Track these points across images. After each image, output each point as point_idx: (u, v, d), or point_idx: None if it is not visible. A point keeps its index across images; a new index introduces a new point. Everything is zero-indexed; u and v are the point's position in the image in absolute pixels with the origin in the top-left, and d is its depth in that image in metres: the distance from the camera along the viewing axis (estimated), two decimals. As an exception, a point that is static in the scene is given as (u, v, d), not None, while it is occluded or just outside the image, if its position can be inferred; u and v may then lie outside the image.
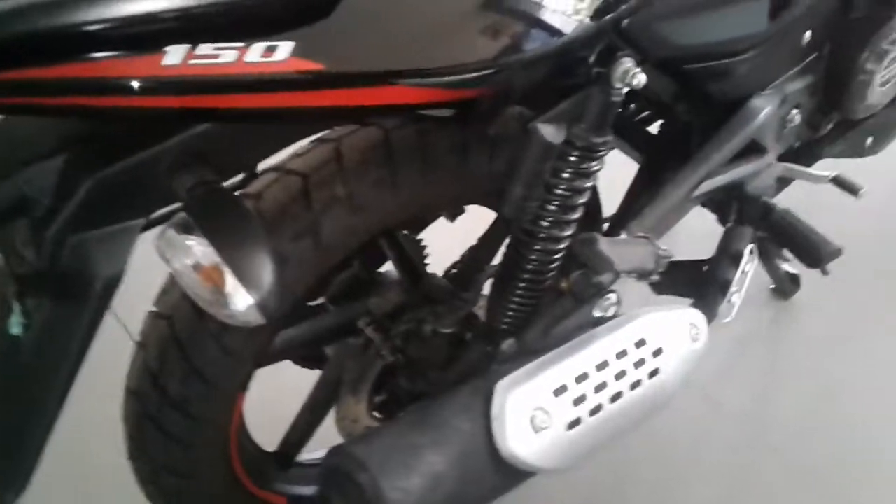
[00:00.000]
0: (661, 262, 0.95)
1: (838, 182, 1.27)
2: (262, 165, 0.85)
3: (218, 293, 0.60)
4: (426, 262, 1.16)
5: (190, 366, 0.89)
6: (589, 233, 0.89)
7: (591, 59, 0.83)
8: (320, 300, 1.14)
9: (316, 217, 0.88)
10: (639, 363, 0.95)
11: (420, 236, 1.13)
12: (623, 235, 0.97)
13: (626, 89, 0.82)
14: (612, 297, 0.97)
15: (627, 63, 0.81)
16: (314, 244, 0.88)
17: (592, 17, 0.78)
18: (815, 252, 1.12)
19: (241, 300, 0.59)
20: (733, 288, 1.19)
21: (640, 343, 0.96)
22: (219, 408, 0.95)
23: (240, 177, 0.79)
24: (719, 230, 1.21)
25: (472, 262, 1.12)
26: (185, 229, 0.60)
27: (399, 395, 1.09)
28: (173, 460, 0.96)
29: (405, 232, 1.12)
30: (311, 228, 0.88)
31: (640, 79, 0.81)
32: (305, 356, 1.19)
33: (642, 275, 0.93)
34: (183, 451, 0.95)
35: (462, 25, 0.68)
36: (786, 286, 1.62)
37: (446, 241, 1.15)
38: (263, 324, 0.62)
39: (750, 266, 1.23)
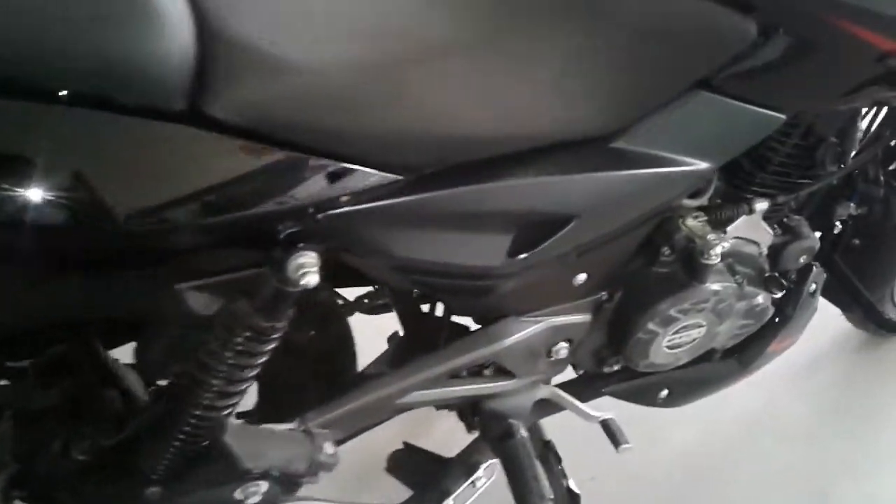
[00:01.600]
0: (322, 467, 0.87)
1: (605, 427, 1.20)
2: None
3: None
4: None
5: None
6: (223, 416, 0.80)
7: (281, 236, 0.76)
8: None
9: None
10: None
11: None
12: (292, 424, 0.89)
13: (298, 284, 0.75)
14: (262, 485, 0.88)
15: (306, 258, 0.74)
16: None
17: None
18: (523, 496, 1.05)
19: None
20: (450, 501, 1.11)
21: (272, 541, 0.87)
22: None
23: None
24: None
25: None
26: None
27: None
28: None
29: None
30: None
31: (311, 280, 0.74)
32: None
33: (290, 476, 0.84)
34: None
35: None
36: (564, 501, 1.53)
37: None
38: None
39: (483, 482, 1.16)
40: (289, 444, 0.85)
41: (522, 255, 0.87)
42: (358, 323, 1.13)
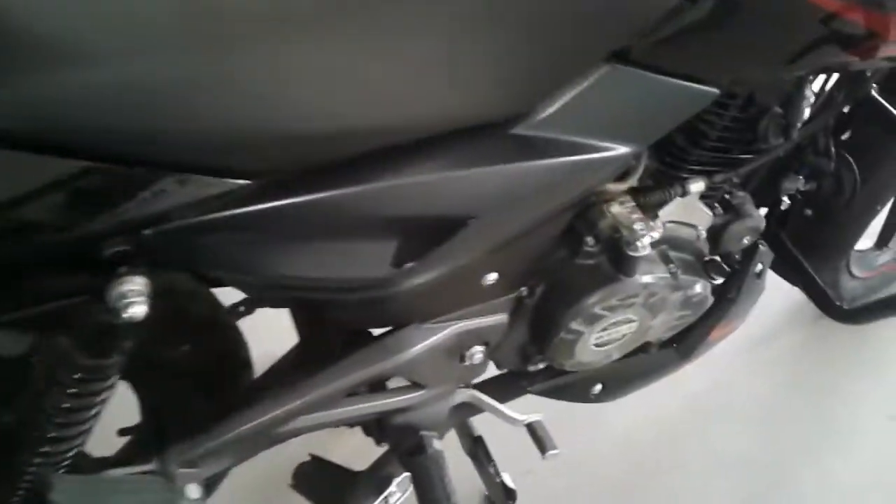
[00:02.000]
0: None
1: (531, 431, 1.09)
2: None
3: None
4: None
5: None
6: (51, 470, 0.68)
7: (102, 258, 0.62)
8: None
9: None
10: None
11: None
12: (151, 464, 0.76)
13: (122, 315, 0.61)
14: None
15: (130, 284, 0.61)
16: None
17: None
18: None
19: None
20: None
21: None
22: None
23: None
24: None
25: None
26: None
27: None
28: None
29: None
30: None
31: (138, 310, 0.61)
32: None
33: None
34: None
35: None
36: (499, 498, 1.43)
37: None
38: None
39: (396, 497, 1.05)
40: (139, 493, 0.72)
41: (409, 265, 0.74)
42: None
